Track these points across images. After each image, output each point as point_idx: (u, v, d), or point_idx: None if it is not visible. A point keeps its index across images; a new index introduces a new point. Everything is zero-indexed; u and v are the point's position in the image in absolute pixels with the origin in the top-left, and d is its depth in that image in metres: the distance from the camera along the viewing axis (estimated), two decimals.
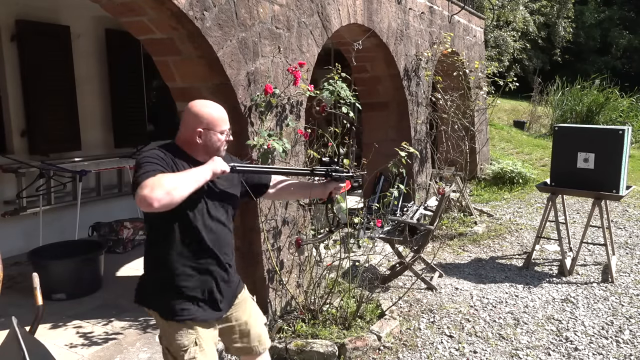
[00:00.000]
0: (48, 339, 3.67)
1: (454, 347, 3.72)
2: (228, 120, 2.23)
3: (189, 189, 1.90)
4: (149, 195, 1.79)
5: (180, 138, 2.19)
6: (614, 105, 15.18)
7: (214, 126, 2.16)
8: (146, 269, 2.21)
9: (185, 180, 1.90)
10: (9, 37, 5.37)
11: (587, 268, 5.30)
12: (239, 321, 2.34)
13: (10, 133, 5.54)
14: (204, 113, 2.15)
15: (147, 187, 1.81)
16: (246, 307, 2.38)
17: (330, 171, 2.38)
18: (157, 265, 2.15)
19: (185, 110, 2.18)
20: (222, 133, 2.19)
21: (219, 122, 2.18)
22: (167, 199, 1.82)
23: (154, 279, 2.18)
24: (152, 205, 1.79)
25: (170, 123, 7.39)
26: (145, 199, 1.79)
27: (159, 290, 2.14)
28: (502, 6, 16.35)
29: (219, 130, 2.17)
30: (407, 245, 5.02)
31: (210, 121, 2.15)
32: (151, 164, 1.97)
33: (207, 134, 2.15)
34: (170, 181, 1.85)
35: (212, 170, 2.01)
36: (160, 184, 1.82)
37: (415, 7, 7.00)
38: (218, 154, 2.19)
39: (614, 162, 4.88)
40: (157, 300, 2.16)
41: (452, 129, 7.42)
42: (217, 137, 2.17)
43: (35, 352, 1.65)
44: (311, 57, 4.56)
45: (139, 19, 3.45)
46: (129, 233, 5.72)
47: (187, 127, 2.16)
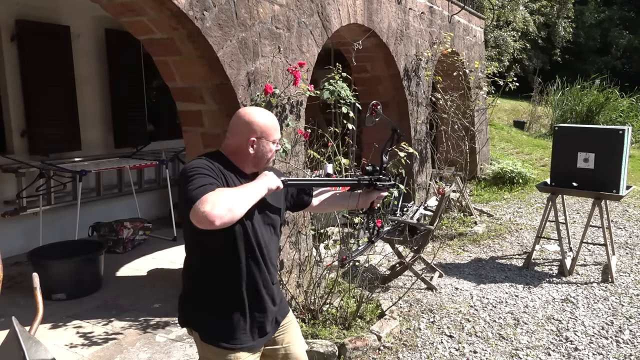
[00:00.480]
0: (48, 339, 3.67)
1: (454, 347, 3.72)
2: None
3: (248, 205, 1.78)
4: (210, 212, 1.65)
5: (228, 147, 2.03)
6: (614, 105, 15.18)
7: (268, 135, 2.02)
8: (189, 287, 2.06)
9: (245, 197, 1.78)
10: (9, 37, 5.37)
11: (587, 268, 5.30)
12: (284, 344, 2.19)
13: (10, 133, 5.54)
14: (258, 121, 2.01)
15: (208, 203, 1.67)
16: (292, 329, 2.24)
17: (375, 180, 2.27)
18: (203, 284, 2.00)
19: (236, 118, 2.05)
20: (274, 142, 2.05)
21: (273, 131, 2.04)
22: (228, 216, 1.69)
23: (198, 297, 2.03)
24: (214, 224, 1.66)
25: (171, 123, 7.45)
26: (207, 217, 1.65)
27: (203, 310, 2.01)
28: (502, 6, 16.35)
29: (272, 139, 2.04)
30: (407, 245, 5.02)
31: (265, 130, 2.01)
32: (203, 175, 1.82)
33: (260, 143, 2.01)
34: (231, 197, 1.73)
35: (267, 187, 1.87)
36: (221, 200, 1.69)
37: (415, 7, 7.01)
38: (267, 165, 2.07)
39: (614, 162, 4.88)
40: (200, 319, 2.02)
41: (452, 129, 7.42)
42: (269, 147, 2.03)
43: (35, 352, 1.65)
44: (311, 57, 4.56)
45: (139, 19, 3.45)
46: (129, 233, 5.72)
47: (238, 135, 2.01)
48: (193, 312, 2.04)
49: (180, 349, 3.57)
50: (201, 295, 2.01)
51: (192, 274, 2.05)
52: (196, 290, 2.03)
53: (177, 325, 3.90)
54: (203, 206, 1.68)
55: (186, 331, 2.16)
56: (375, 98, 7.06)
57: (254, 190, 1.83)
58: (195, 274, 2.03)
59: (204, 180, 1.80)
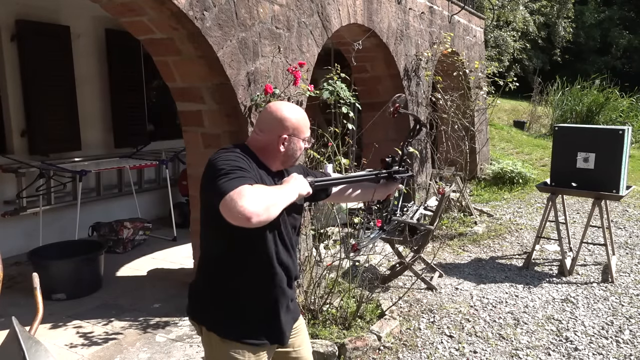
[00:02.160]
0: (48, 339, 3.67)
1: (454, 347, 3.72)
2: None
3: (282, 207, 1.69)
4: (247, 208, 1.54)
5: (257, 142, 1.93)
6: (614, 105, 15.18)
7: (299, 133, 1.96)
8: (206, 282, 1.97)
9: (281, 198, 1.68)
10: (9, 37, 5.37)
11: (587, 268, 5.30)
12: (295, 348, 2.12)
13: (10, 133, 5.54)
14: (291, 118, 1.92)
15: (245, 198, 1.56)
16: (303, 332, 2.18)
17: (393, 173, 2.26)
18: (223, 280, 1.92)
19: (267, 114, 1.96)
20: (304, 140, 1.99)
21: (305, 128, 1.98)
22: (265, 215, 1.59)
23: (215, 294, 1.94)
24: (250, 220, 1.55)
25: (171, 123, 7.45)
26: (244, 212, 1.54)
27: (219, 308, 1.93)
28: (502, 6, 16.36)
29: (303, 137, 1.98)
30: (407, 245, 5.02)
31: (297, 127, 1.94)
32: (238, 168, 1.71)
33: (291, 141, 1.94)
34: (269, 196, 1.63)
35: (298, 192, 1.80)
36: (260, 197, 1.59)
37: (415, 7, 7.00)
38: (294, 163, 2.03)
39: (614, 162, 4.88)
40: (215, 317, 1.94)
41: (452, 129, 7.42)
42: (299, 145, 1.97)
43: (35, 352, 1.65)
44: (311, 57, 4.56)
45: (139, 19, 3.45)
46: (129, 233, 5.72)
47: (268, 132, 1.91)
48: (208, 307, 1.95)
49: (180, 349, 3.57)
50: (219, 292, 1.93)
51: (210, 268, 1.96)
52: (214, 285, 1.94)
53: (177, 325, 3.91)
54: (240, 199, 1.55)
55: (187, 330, 2.15)
56: (375, 98, 7.13)
57: (288, 193, 1.75)
58: (215, 269, 1.94)
59: (238, 173, 1.68)
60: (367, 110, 6.82)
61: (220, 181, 1.65)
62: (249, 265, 1.90)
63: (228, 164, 1.72)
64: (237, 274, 1.91)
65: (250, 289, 1.92)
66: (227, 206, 1.57)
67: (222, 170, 1.70)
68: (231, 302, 1.92)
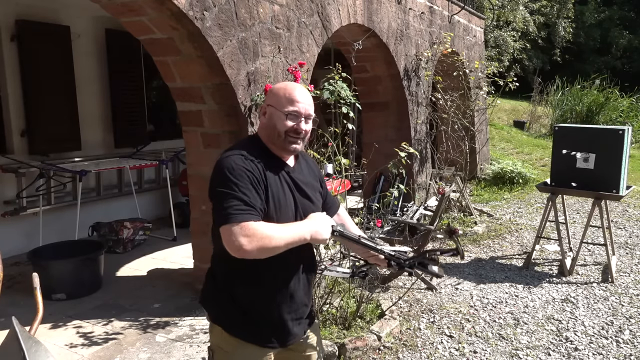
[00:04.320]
0: (48, 339, 3.67)
1: (454, 347, 3.72)
2: (307, 106, 1.87)
3: (283, 249, 1.69)
4: (244, 248, 1.61)
5: (261, 127, 1.93)
6: (614, 105, 15.18)
7: (277, 104, 1.84)
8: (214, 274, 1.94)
9: (284, 241, 1.68)
10: (9, 37, 5.37)
11: (587, 268, 5.30)
12: (304, 352, 2.05)
13: (10, 133, 5.54)
14: (274, 88, 1.90)
15: (245, 238, 1.61)
16: (315, 336, 2.12)
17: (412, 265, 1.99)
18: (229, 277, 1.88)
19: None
20: (287, 116, 1.83)
21: (285, 100, 1.84)
22: (259, 256, 1.65)
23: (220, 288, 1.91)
24: (244, 257, 1.63)
25: (171, 123, 7.45)
26: (240, 251, 1.62)
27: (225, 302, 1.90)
28: (502, 6, 16.36)
29: (283, 110, 1.83)
30: (407, 245, 5.02)
31: (276, 97, 1.86)
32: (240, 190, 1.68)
33: (270, 111, 1.86)
34: (270, 239, 1.64)
35: (311, 235, 1.74)
36: (259, 239, 1.63)
37: (415, 7, 7.00)
38: (288, 147, 1.86)
39: (614, 162, 4.88)
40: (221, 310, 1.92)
41: (452, 129, 7.42)
42: (280, 119, 1.83)
43: (35, 352, 1.65)
44: (311, 57, 4.56)
45: (139, 19, 3.45)
46: (129, 233, 5.71)
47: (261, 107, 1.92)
48: (216, 298, 1.93)
49: (180, 349, 3.57)
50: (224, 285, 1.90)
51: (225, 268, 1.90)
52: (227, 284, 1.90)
53: (177, 325, 3.91)
54: (240, 238, 1.62)
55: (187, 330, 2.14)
56: (375, 98, 7.13)
57: (296, 235, 1.71)
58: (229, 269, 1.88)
59: (243, 197, 1.67)
60: (367, 110, 6.82)
61: (224, 204, 1.67)
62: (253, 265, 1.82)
63: (231, 181, 1.70)
64: (241, 272, 1.87)
65: (256, 287, 1.87)
66: (225, 235, 1.65)
67: (225, 185, 1.70)
68: (236, 299, 1.88)
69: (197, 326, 3.88)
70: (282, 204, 1.81)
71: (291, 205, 1.85)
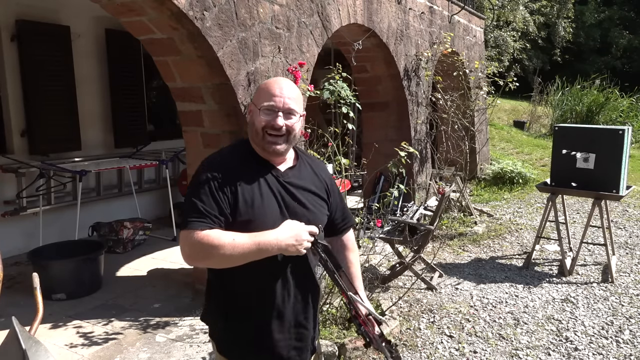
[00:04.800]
0: (48, 339, 3.67)
1: (454, 347, 3.72)
2: (286, 100, 1.69)
3: (240, 259, 1.60)
4: (188, 255, 1.60)
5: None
6: (614, 105, 15.18)
7: (257, 100, 1.72)
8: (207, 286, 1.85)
9: (238, 250, 1.57)
10: (9, 37, 5.37)
11: (587, 268, 5.30)
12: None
13: (10, 133, 5.54)
14: (260, 84, 1.81)
15: (190, 247, 1.58)
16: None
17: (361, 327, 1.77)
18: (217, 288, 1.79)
19: None
20: (262, 111, 1.69)
21: (263, 95, 1.71)
22: (205, 264, 1.64)
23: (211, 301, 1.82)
24: (192, 264, 1.63)
25: (171, 123, 7.44)
26: (185, 258, 1.62)
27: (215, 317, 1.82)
28: (502, 6, 16.37)
29: (259, 105, 1.70)
30: (407, 245, 5.02)
31: (257, 93, 1.75)
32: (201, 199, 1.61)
33: (251, 108, 1.75)
34: (220, 249, 1.55)
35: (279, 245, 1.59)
36: (203, 251, 1.57)
37: (415, 7, 7.01)
38: (262, 144, 1.71)
39: (614, 162, 4.88)
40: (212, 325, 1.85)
41: (452, 129, 7.42)
42: (257, 115, 1.71)
43: (35, 352, 1.65)
44: (311, 57, 4.56)
45: (139, 19, 3.45)
46: (129, 233, 5.72)
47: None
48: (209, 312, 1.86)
49: (180, 349, 3.57)
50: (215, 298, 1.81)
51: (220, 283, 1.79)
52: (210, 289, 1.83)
53: (177, 325, 3.91)
54: (185, 245, 1.60)
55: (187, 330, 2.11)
56: (375, 98, 7.12)
57: (255, 246, 1.58)
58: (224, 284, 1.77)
59: (200, 205, 1.61)
60: (367, 110, 6.82)
61: (186, 209, 1.64)
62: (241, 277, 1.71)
63: (194, 185, 1.67)
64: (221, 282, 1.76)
65: (242, 303, 1.75)
66: (179, 241, 1.63)
67: (190, 190, 1.67)
68: (225, 314, 1.77)
69: (197, 326, 3.88)
70: (258, 209, 1.67)
71: (274, 211, 1.69)
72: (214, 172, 1.67)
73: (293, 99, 1.72)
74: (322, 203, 1.83)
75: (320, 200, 1.83)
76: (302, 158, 1.87)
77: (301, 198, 1.76)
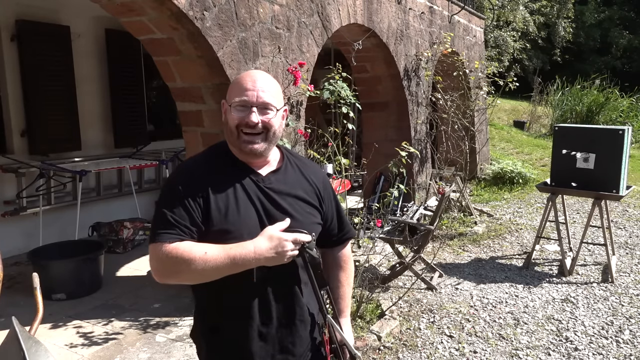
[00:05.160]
0: (48, 339, 3.67)
1: (454, 347, 3.72)
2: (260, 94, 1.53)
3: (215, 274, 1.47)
4: (156, 271, 1.48)
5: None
6: (614, 105, 15.18)
7: (229, 97, 1.56)
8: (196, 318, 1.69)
9: (211, 264, 1.44)
10: (9, 37, 5.37)
11: (587, 268, 5.30)
12: None
13: (10, 133, 5.54)
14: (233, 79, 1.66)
15: (157, 262, 1.46)
16: None
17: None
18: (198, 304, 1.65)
19: None
20: (232, 107, 1.54)
21: (235, 90, 1.55)
22: (176, 281, 1.50)
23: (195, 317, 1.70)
24: (161, 281, 1.50)
25: (171, 123, 7.44)
26: (154, 275, 1.50)
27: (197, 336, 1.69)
28: (502, 6, 16.37)
29: (231, 102, 1.54)
30: (407, 245, 5.02)
31: (229, 89, 1.58)
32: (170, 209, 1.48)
33: (225, 107, 1.58)
34: (190, 264, 1.43)
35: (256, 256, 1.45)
36: (173, 265, 1.44)
37: (415, 7, 7.01)
38: (238, 145, 1.55)
39: (614, 162, 4.88)
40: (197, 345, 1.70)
41: (452, 129, 7.42)
42: (229, 113, 1.55)
43: (35, 352, 1.65)
44: (311, 57, 4.56)
45: (139, 19, 3.45)
46: (129, 233, 5.72)
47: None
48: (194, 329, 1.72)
49: (180, 349, 3.57)
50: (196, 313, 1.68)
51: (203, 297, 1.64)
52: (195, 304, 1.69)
53: (177, 325, 3.91)
54: (152, 260, 1.47)
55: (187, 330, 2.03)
56: (375, 98, 7.12)
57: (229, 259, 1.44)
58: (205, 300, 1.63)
59: (169, 215, 1.47)
60: (367, 110, 6.82)
61: (154, 220, 1.51)
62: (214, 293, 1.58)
63: (164, 195, 1.53)
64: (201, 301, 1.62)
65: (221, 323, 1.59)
66: (149, 253, 1.50)
67: (159, 200, 1.53)
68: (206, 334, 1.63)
69: None
70: (232, 218, 1.51)
71: (252, 220, 1.53)
72: (184, 179, 1.53)
73: (268, 91, 1.54)
74: (311, 210, 1.64)
75: (310, 207, 1.64)
76: (289, 159, 1.69)
77: (285, 205, 1.58)
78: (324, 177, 1.76)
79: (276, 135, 1.59)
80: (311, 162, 1.84)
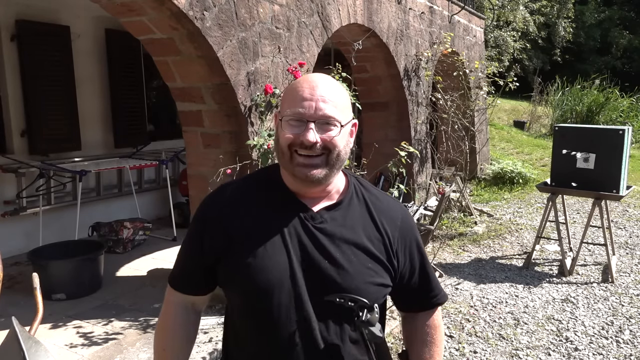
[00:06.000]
0: (48, 339, 3.67)
1: (454, 347, 3.72)
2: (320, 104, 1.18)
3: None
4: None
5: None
6: (614, 105, 15.18)
7: (282, 108, 1.24)
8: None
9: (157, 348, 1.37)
10: (9, 37, 5.36)
11: (587, 268, 5.30)
12: None
13: (10, 133, 5.54)
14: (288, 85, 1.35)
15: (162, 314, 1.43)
16: None
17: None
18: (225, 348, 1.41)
19: None
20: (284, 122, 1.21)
21: (288, 100, 1.22)
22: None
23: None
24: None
25: (171, 123, 7.44)
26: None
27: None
28: (502, 6, 16.36)
29: (283, 113, 1.22)
30: None
31: (283, 99, 1.27)
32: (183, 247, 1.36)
33: (276, 121, 1.26)
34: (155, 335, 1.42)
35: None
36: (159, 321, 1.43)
37: (415, 7, 7.01)
38: (291, 169, 1.22)
39: (614, 162, 4.88)
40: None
41: (452, 129, 7.42)
42: (280, 129, 1.22)
43: (35, 352, 1.65)
44: (311, 57, 4.56)
45: (139, 19, 3.45)
46: (129, 233, 5.71)
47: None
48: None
49: None
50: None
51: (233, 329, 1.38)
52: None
53: None
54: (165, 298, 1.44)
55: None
56: (375, 98, 7.12)
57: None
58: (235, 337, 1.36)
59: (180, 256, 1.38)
60: (367, 110, 6.82)
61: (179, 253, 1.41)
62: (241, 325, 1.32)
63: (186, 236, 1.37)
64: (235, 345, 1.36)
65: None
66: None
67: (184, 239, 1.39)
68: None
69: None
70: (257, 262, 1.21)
71: (279, 265, 1.20)
72: (207, 213, 1.30)
73: (331, 101, 1.19)
74: (373, 266, 1.25)
75: (372, 262, 1.26)
76: (356, 191, 1.32)
77: (333, 252, 1.22)
78: (404, 221, 1.35)
79: (341, 158, 1.23)
80: (390, 198, 1.40)
